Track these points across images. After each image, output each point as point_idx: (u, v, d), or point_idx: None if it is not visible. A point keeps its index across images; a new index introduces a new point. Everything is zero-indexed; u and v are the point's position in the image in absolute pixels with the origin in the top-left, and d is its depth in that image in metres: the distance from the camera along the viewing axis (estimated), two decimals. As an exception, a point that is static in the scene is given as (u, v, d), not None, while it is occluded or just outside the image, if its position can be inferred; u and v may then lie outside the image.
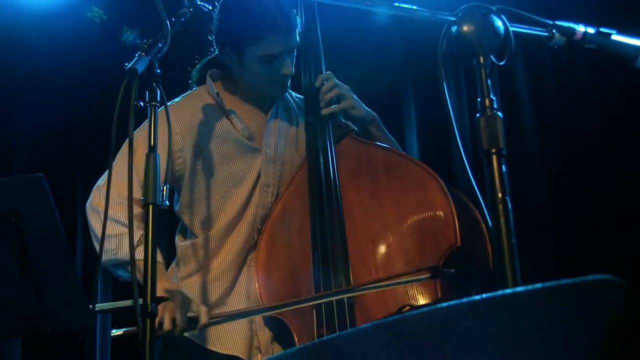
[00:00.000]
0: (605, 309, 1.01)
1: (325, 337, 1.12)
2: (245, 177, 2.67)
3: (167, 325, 2.38)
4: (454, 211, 2.37)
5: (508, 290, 1.02)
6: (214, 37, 2.68)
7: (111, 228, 2.45)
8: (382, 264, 2.43)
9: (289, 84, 2.72)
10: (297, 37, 2.61)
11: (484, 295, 1.05)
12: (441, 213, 2.39)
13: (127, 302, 3.24)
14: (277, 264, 2.56)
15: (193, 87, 2.81)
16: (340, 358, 1.05)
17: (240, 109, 2.72)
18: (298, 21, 2.61)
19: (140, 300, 1.91)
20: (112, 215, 2.43)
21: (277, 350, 2.59)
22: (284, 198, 2.65)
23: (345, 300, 2.38)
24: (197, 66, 2.81)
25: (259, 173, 2.68)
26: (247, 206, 2.67)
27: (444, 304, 1.04)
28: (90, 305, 2.17)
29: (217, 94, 2.70)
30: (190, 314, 2.42)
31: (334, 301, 2.39)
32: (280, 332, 2.55)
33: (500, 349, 1.04)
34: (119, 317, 4.03)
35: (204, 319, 2.41)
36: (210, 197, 2.64)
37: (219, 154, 2.65)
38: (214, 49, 2.73)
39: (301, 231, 2.55)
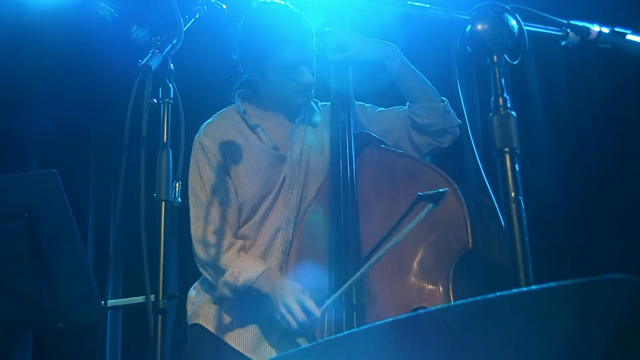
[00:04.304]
0: (619, 307, 1.01)
1: (339, 334, 1.12)
2: (275, 183, 2.76)
3: (301, 315, 2.46)
4: (467, 214, 2.38)
5: (522, 289, 1.02)
6: (238, 58, 2.83)
7: (215, 276, 2.68)
8: (397, 267, 2.44)
9: (312, 91, 2.82)
10: (313, 46, 2.75)
11: (498, 293, 1.05)
12: (454, 217, 2.40)
13: (139, 298, 3.25)
14: (306, 268, 2.60)
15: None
16: (355, 354, 1.06)
17: (266, 122, 2.84)
18: (312, 31, 2.75)
19: (152, 297, 1.91)
20: (207, 262, 2.68)
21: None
22: (313, 205, 2.71)
23: (354, 300, 2.40)
24: (232, 88, 2.94)
25: (285, 176, 2.76)
26: (272, 207, 2.75)
27: (458, 302, 1.04)
28: (102, 301, 2.18)
29: (244, 111, 2.84)
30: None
31: (344, 302, 2.40)
32: None
33: (514, 345, 1.04)
34: (130, 313, 4.07)
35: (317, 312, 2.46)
36: (245, 209, 2.75)
37: (250, 168, 2.75)
38: (243, 70, 2.86)
39: (326, 236, 2.60)
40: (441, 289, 2.37)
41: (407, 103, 2.86)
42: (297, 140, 2.81)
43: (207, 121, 2.87)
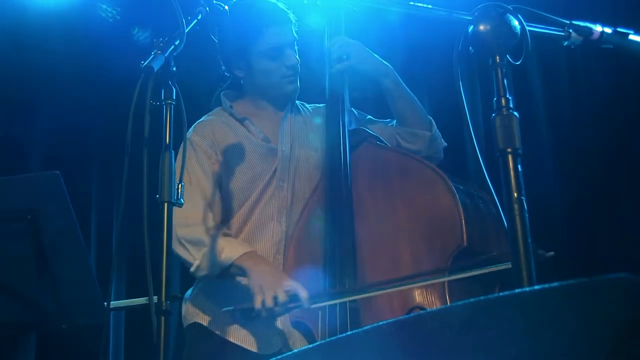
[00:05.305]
0: (622, 307, 1.01)
1: (343, 334, 1.12)
2: (266, 174, 2.76)
3: (269, 302, 2.39)
4: (461, 212, 2.38)
5: (525, 289, 1.02)
6: (221, 56, 2.87)
7: (194, 251, 2.59)
8: (392, 265, 2.44)
9: (298, 80, 2.83)
10: (293, 30, 2.79)
11: (501, 294, 1.05)
12: (448, 214, 2.40)
13: (142, 300, 3.25)
14: (304, 268, 2.59)
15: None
16: (358, 355, 1.06)
17: (254, 115, 2.86)
18: (290, 15, 2.79)
19: (155, 298, 1.91)
20: (186, 238, 2.59)
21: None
22: (310, 203, 2.70)
23: (348, 303, 2.40)
24: (215, 94, 2.96)
25: (276, 168, 2.77)
26: (262, 197, 2.75)
27: (460, 302, 1.04)
28: (105, 303, 2.18)
29: (230, 106, 2.86)
30: (290, 291, 2.42)
31: (337, 303, 2.40)
32: (302, 328, 2.60)
33: (517, 346, 1.04)
34: (133, 314, 4.07)
35: (304, 295, 2.40)
36: (236, 199, 2.75)
37: (241, 160, 2.76)
38: (226, 74, 2.89)
39: (323, 235, 2.60)
40: (437, 288, 2.36)
41: (395, 121, 2.88)
42: (287, 132, 2.84)
43: (197, 121, 2.88)
